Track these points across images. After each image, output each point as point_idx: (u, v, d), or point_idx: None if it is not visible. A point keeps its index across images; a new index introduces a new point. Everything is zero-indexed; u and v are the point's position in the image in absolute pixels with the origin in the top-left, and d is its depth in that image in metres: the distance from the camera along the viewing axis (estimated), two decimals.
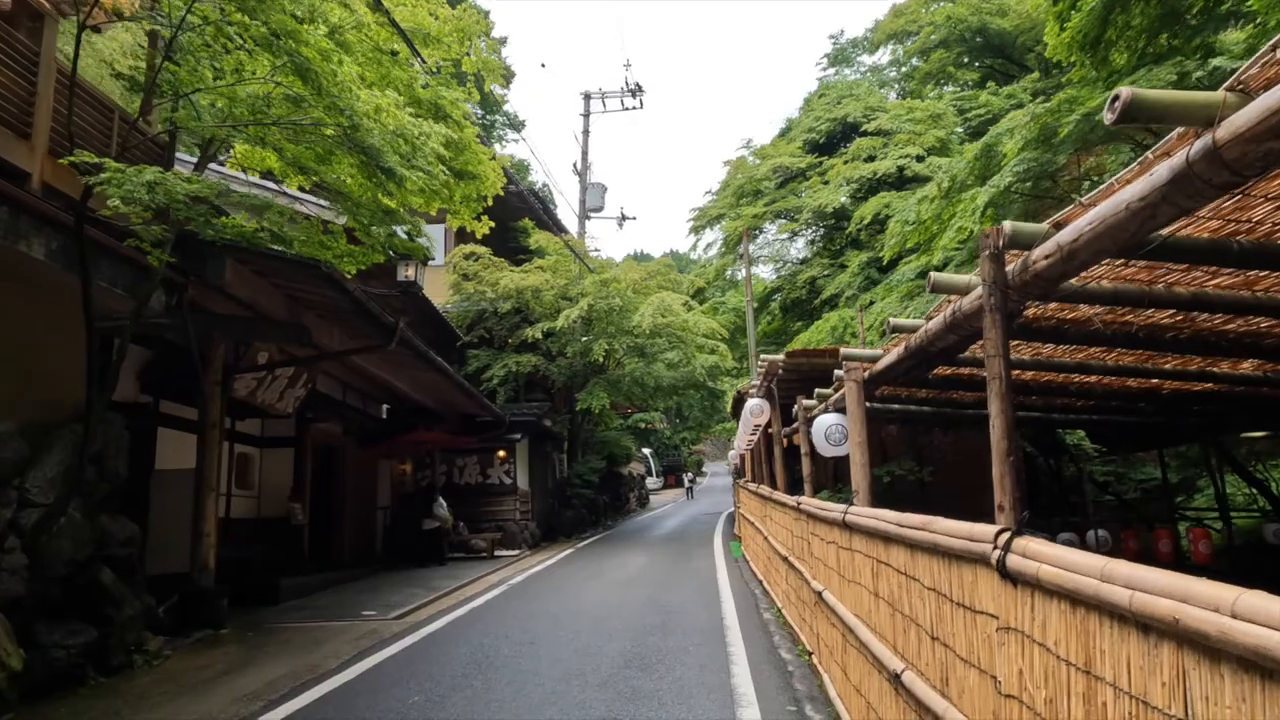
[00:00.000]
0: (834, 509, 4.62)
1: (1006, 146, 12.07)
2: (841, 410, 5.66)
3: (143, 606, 7.12)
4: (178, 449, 10.32)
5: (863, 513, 3.86)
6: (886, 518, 3.35)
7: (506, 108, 45.67)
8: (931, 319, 3.34)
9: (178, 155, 11.89)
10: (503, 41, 47.95)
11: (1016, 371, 5.43)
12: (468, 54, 7.91)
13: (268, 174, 9.33)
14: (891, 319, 3.62)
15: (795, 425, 7.42)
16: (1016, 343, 4.52)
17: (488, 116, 43.71)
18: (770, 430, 9.35)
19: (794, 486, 9.05)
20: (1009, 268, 2.45)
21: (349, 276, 9.06)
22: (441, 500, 15.67)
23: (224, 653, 7.41)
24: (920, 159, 22.08)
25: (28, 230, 5.72)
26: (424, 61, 7.42)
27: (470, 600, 10.43)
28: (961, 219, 12.83)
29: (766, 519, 9.52)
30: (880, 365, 4.21)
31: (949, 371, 5.10)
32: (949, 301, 3.27)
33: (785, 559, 7.41)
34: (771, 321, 31.28)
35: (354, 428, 15.34)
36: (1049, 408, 7.91)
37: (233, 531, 12.03)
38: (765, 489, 9.55)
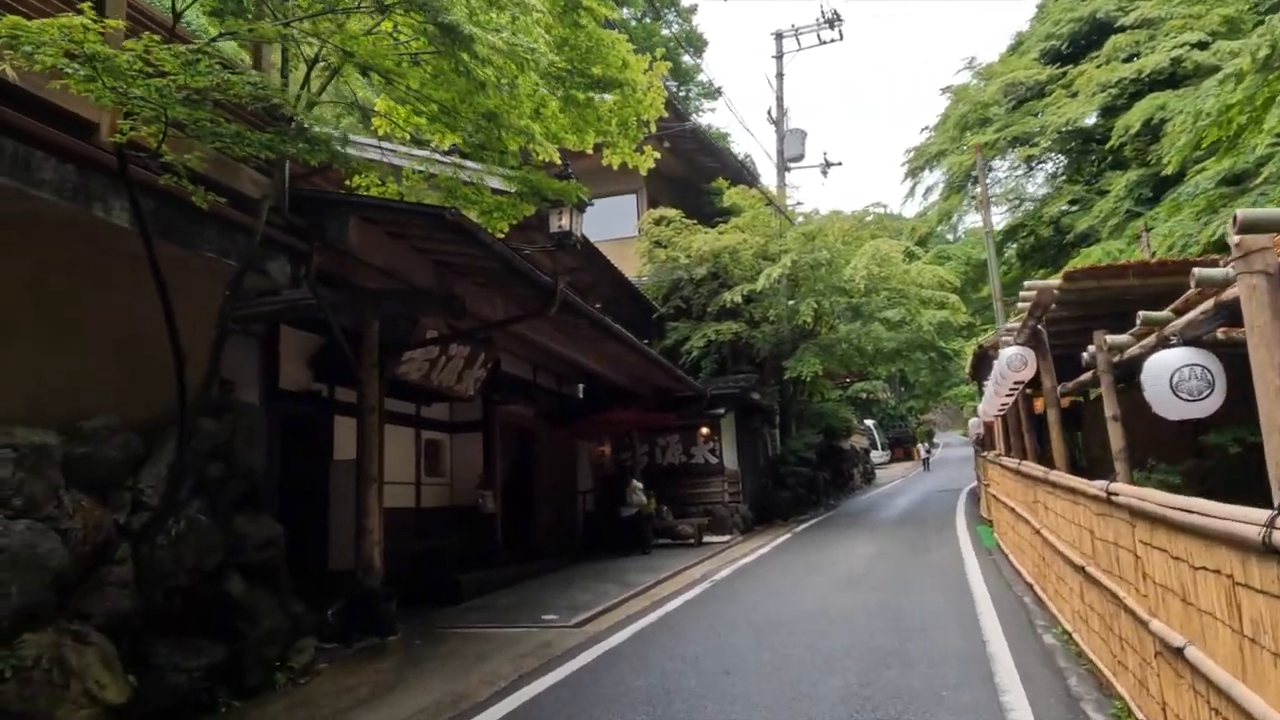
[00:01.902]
0: (1222, 516, 2.51)
1: None
2: (1196, 342, 3.43)
3: (288, 617, 6.32)
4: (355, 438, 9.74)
5: None
6: None
7: (700, 77, 44.18)
8: None
9: (356, 138, 11.45)
10: (692, 10, 46.38)
11: None
12: None
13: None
14: None
15: (1086, 377, 5.14)
16: None
17: (683, 87, 42.38)
18: (1038, 389, 6.99)
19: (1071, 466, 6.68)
20: None
21: (501, 234, 7.87)
22: (638, 484, 14.46)
23: (376, 669, 6.47)
24: (1203, 46, 17.61)
25: (101, 190, 4.90)
26: None
27: (665, 602, 8.99)
28: None
29: (1037, 506, 7.17)
30: None
31: None
32: None
33: (1081, 569, 5.17)
34: (1008, 271, 27.19)
35: (547, 409, 14.51)
36: None
37: (425, 522, 11.53)
38: (1033, 466, 7.18)
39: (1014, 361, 6.64)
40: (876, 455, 41.66)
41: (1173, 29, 18.35)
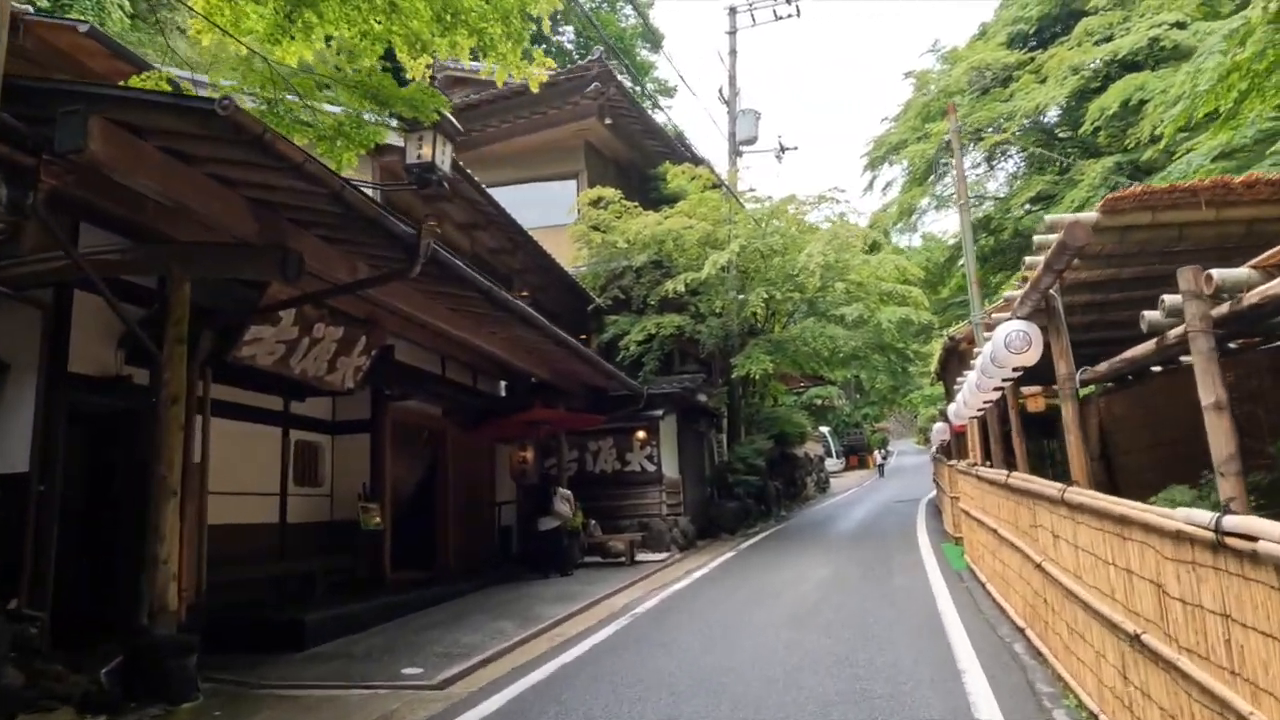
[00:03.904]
0: None
1: None
2: None
3: None
4: (195, 436, 7.70)
5: None
6: None
7: (656, 74, 42.67)
8: None
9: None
10: (648, 3, 44.86)
11: None
12: None
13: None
14: None
15: (1143, 349, 3.46)
16: None
17: (639, 81, 40.73)
18: (1052, 380, 5.33)
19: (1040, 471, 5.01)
20: None
21: (351, 170, 6.01)
22: (564, 493, 12.62)
23: None
24: (1181, 26, 16.44)
25: None
26: None
27: (569, 646, 7.16)
28: None
29: (1038, 531, 5.50)
30: None
31: None
32: None
33: (1134, 637, 3.47)
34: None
35: (458, 408, 12.58)
36: None
37: (292, 541, 9.56)
38: (1035, 481, 5.51)
39: (1015, 340, 4.97)
40: (831, 463, 40.32)
41: (1149, 8, 17.17)
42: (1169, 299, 3.22)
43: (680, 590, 10.15)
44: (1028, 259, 4.54)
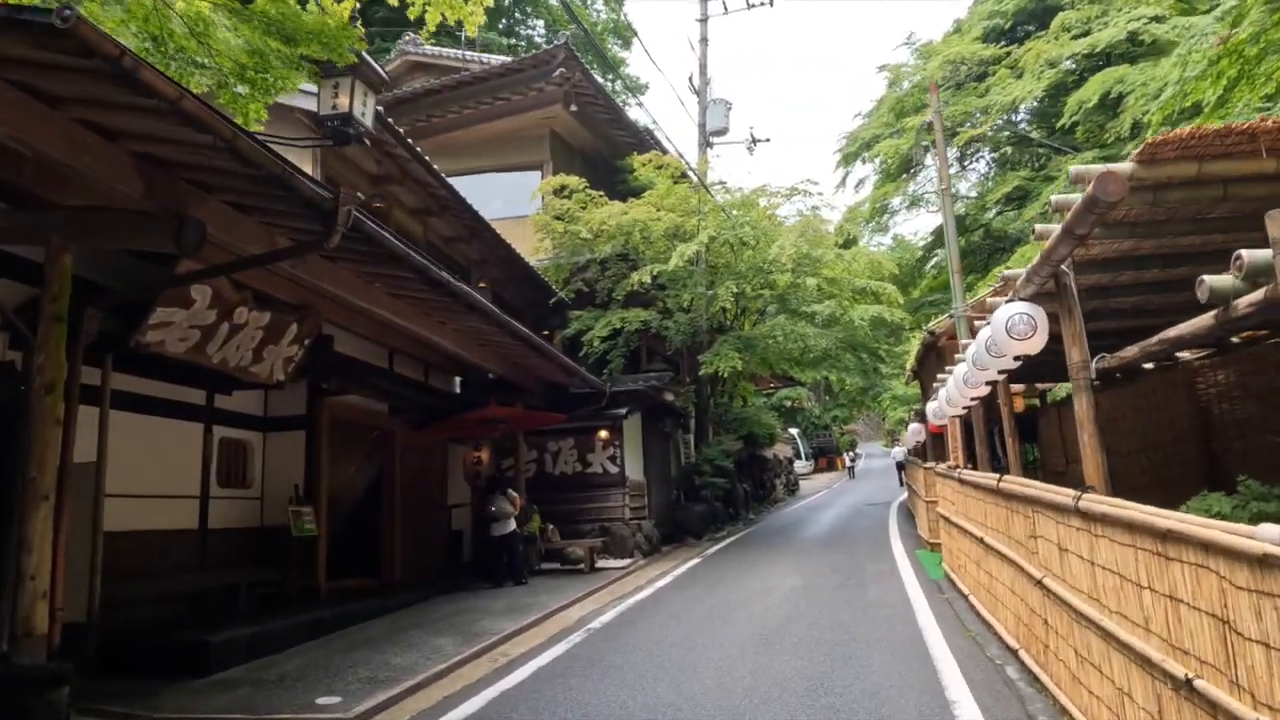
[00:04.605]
0: None
1: None
2: None
3: None
4: (92, 432, 6.82)
5: None
6: None
7: (626, 70, 41.98)
8: None
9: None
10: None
11: None
12: None
13: None
14: None
15: (1196, 325, 2.82)
16: None
17: (610, 72, 39.96)
18: (1032, 378, 4.68)
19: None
20: None
21: (259, 124, 5.21)
22: (511, 494, 11.84)
23: None
24: (1159, 19, 16.12)
25: None
26: None
27: (512, 668, 6.41)
28: None
29: (1038, 543, 4.86)
30: None
31: None
32: None
33: (1184, 683, 2.82)
34: (938, 275, 25.74)
35: (406, 405, 11.75)
36: None
37: (214, 549, 8.70)
38: (1035, 486, 4.87)
39: (1018, 325, 4.32)
40: (800, 465, 39.90)
41: (1126, 1, 16.84)
42: (1249, 255, 2.58)
43: (641, 601, 9.42)
44: (1038, 227, 3.90)
